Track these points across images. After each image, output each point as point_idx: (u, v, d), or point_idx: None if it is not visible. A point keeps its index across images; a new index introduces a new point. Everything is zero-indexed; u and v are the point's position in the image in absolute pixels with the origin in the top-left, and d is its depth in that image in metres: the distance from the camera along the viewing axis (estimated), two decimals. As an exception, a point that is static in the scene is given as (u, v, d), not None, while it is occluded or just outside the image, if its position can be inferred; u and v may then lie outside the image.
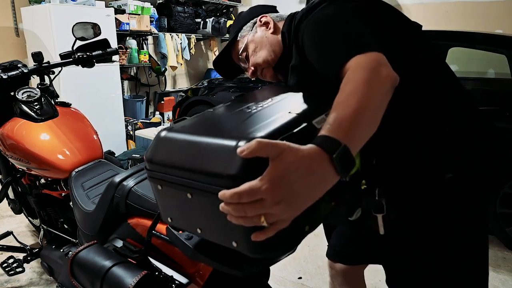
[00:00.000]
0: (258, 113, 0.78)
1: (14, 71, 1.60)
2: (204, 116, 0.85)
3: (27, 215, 2.01)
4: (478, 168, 0.86)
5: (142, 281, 0.91)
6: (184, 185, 0.70)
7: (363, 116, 0.62)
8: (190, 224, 0.75)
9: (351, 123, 0.61)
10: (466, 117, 0.88)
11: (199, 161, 0.67)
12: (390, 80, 0.68)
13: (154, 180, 0.77)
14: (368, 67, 0.68)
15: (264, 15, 1.06)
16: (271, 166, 0.54)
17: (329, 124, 0.61)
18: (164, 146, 0.75)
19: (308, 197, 0.57)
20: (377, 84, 0.66)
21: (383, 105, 0.67)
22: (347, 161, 0.58)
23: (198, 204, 0.69)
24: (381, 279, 0.99)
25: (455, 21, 4.35)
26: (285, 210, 0.55)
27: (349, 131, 0.60)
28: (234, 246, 0.66)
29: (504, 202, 2.40)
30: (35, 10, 3.61)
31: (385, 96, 0.67)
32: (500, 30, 4.01)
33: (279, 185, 0.53)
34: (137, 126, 4.36)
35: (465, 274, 0.87)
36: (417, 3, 4.63)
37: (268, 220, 0.55)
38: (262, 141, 0.54)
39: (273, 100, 0.86)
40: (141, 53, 4.55)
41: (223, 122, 0.81)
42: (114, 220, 1.14)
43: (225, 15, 5.75)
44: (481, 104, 2.38)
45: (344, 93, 0.66)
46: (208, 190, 0.64)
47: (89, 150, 1.55)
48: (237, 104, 0.89)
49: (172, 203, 0.77)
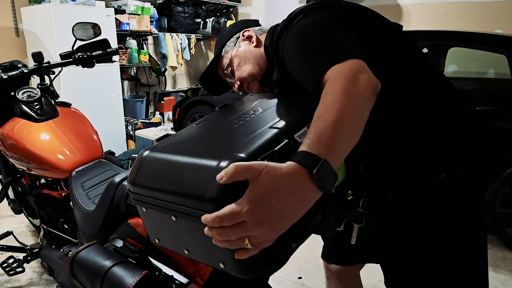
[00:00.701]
0: (239, 127, 0.77)
1: (14, 71, 1.60)
2: (186, 132, 0.84)
3: (27, 215, 2.01)
4: (470, 167, 0.86)
5: (142, 281, 0.91)
6: (167, 208, 0.69)
7: (343, 127, 0.61)
8: (177, 245, 0.76)
9: (331, 136, 0.59)
10: (457, 116, 0.88)
11: (181, 183, 0.66)
12: (370, 87, 0.67)
13: (138, 203, 0.77)
14: (346, 76, 0.67)
15: (246, 29, 1.06)
16: (250, 188, 0.54)
17: (309, 139, 0.60)
18: (146, 168, 0.75)
19: (291, 215, 0.56)
20: (356, 93, 0.65)
21: (365, 113, 0.66)
22: (328, 176, 0.57)
23: (183, 226, 0.69)
24: (381, 279, 0.99)
25: (455, 21, 4.35)
26: (267, 231, 0.54)
27: (329, 145, 0.59)
28: (222, 267, 0.67)
29: (504, 202, 2.40)
30: (35, 10, 3.60)
31: (366, 103, 0.66)
32: (500, 30, 4.01)
33: (259, 207, 0.53)
34: (137, 126, 4.36)
35: (464, 274, 0.87)
36: (417, 3, 4.63)
37: (251, 242, 0.55)
38: (239, 165, 0.54)
39: (255, 112, 0.85)
40: (141, 53, 4.55)
41: (205, 139, 0.80)
42: (114, 220, 1.14)
43: (225, 15, 5.74)
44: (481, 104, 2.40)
45: (323, 105, 0.64)
46: (191, 214, 0.64)
47: (89, 150, 1.55)
48: (220, 117, 0.89)
49: (158, 225, 0.77)
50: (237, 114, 0.87)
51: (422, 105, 0.85)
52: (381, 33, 0.89)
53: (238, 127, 0.79)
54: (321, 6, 0.87)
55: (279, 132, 0.71)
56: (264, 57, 1.01)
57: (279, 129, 0.72)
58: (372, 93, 0.67)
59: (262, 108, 0.88)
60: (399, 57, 0.89)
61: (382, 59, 0.84)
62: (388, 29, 0.91)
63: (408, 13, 4.68)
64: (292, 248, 0.68)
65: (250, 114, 0.86)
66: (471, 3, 4.29)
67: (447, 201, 0.84)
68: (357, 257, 1.19)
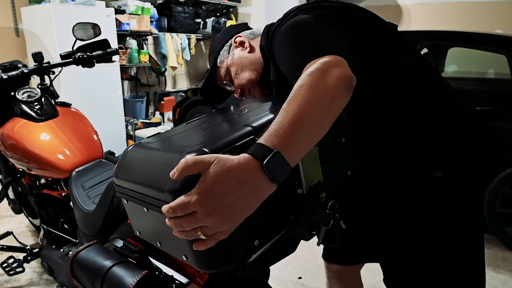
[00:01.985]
0: (219, 126, 0.79)
1: (14, 71, 1.60)
2: (174, 131, 0.86)
3: (27, 215, 2.02)
4: (468, 166, 0.86)
5: (143, 281, 0.91)
6: (140, 200, 0.71)
7: (304, 121, 0.60)
8: (152, 237, 0.77)
9: (289, 128, 0.58)
10: (453, 114, 0.88)
11: (150, 176, 0.68)
12: (342, 81, 0.65)
13: (121, 195, 0.79)
14: (315, 70, 0.66)
15: (238, 35, 1.06)
16: (200, 179, 0.55)
17: (268, 131, 0.59)
18: (127, 162, 0.77)
19: (244, 208, 0.56)
20: (323, 86, 0.63)
21: (332, 107, 0.64)
22: (280, 168, 0.56)
23: (154, 218, 0.71)
24: (381, 278, 0.99)
25: (455, 21, 4.35)
26: (218, 222, 0.54)
27: (286, 137, 0.58)
28: (184, 259, 0.68)
29: (504, 202, 2.40)
30: (35, 10, 3.61)
31: (334, 97, 0.64)
32: (500, 30, 4.01)
33: (209, 198, 0.54)
34: (137, 126, 4.37)
35: (462, 272, 0.88)
36: (417, 3, 4.63)
37: (204, 232, 0.55)
38: (189, 160, 0.55)
39: (241, 112, 0.86)
40: (141, 53, 4.55)
41: (185, 136, 0.81)
42: (114, 220, 1.14)
43: (225, 15, 5.75)
44: (481, 104, 2.40)
45: (288, 99, 0.63)
46: (156, 204, 0.65)
47: (89, 150, 1.55)
48: (211, 117, 0.90)
49: (137, 217, 0.79)
50: (225, 114, 0.89)
51: (419, 104, 0.86)
52: (377, 32, 0.89)
53: (218, 125, 0.80)
54: (316, 5, 0.87)
55: (251, 130, 0.71)
56: (260, 61, 1.00)
57: (252, 127, 0.72)
58: (343, 87, 0.65)
59: (250, 108, 0.89)
60: (396, 56, 0.89)
61: (377, 58, 0.83)
62: (383, 29, 0.91)
63: (408, 13, 4.68)
64: (254, 246, 0.68)
65: (236, 113, 0.87)
66: (471, 3, 4.29)
67: (444, 200, 0.85)
68: (358, 257, 1.20)
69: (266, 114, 0.80)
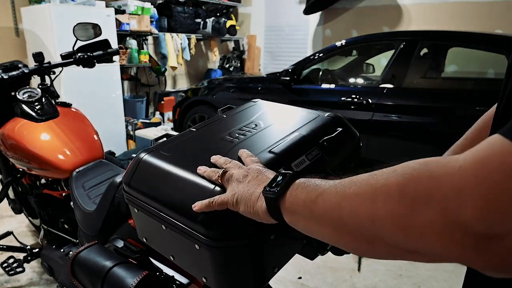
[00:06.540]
0: (239, 145, 0.78)
1: (14, 71, 1.60)
2: (187, 138, 0.84)
3: (28, 215, 2.01)
4: None
5: (143, 281, 0.91)
6: (159, 217, 0.70)
7: (330, 218, 0.44)
8: (164, 249, 0.78)
9: (311, 205, 0.47)
10: None
11: (175, 198, 0.67)
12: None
13: (131, 203, 0.78)
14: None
15: None
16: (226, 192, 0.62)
17: (297, 192, 0.51)
18: (142, 172, 0.75)
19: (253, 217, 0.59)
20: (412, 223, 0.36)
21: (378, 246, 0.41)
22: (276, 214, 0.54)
23: (172, 236, 0.70)
24: (381, 279, 0.99)
25: (455, 21, 4.35)
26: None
27: (298, 221, 0.50)
28: (204, 281, 0.69)
29: None
30: (35, 10, 3.61)
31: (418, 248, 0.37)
32: (500, 30, 4.01)
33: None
34: (137, 126, 4.37)
35: None
36: (417, 3, 4.64)
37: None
38: (213, 203, 0.60)
39: (257, 127, 0.86)
40: (141, 53, 4.55)
41: (204, 152, 0.78)
42: (115, 220, 1.14)
43: (225, 15, 5.74)
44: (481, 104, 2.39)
45: (359, 180, 0.42)
46: (182, 230, 0.66)
47: (89, 150, 1.55)
48: (221, 125, 0.89)
49: (147, 227, 0.78)
50: (238, 126, 0.87)
51: None
52: None
53: (238, 143, 0.79)
54: None
55: (276, 159, 0.72)
56: None
57: (276, 155, 0.73)
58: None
59: (264, 123, 0.88)
60: None
61: None
62: None
63: (408, 13, 4.68)
64: (273, 273, 0.72)
65: (252, 128, 0.86)
66: (471, 3, 4.29)
67: None
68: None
69: (283, 137, 0.80)
